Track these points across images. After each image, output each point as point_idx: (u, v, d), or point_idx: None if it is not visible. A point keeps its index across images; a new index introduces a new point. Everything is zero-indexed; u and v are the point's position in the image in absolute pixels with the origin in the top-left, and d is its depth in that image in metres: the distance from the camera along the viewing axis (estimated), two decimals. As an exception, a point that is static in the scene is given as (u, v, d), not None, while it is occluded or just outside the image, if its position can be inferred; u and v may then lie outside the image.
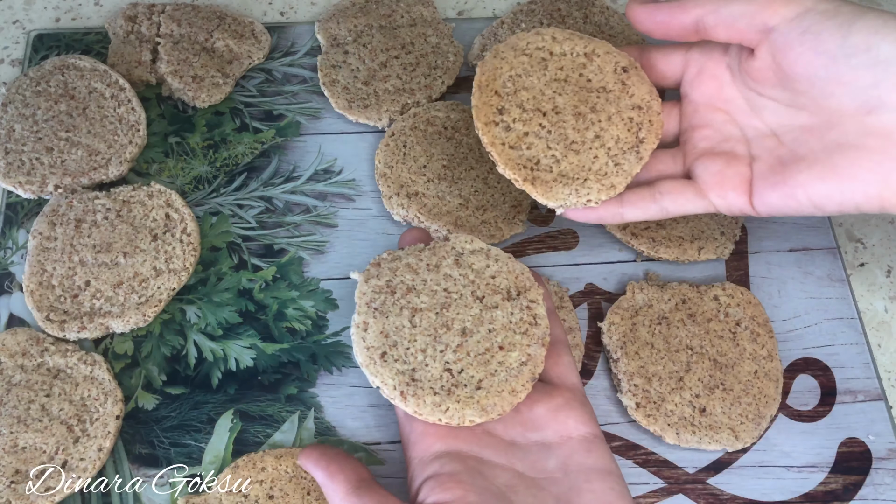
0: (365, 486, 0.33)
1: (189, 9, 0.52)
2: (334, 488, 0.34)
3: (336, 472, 0.34)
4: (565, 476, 0.33)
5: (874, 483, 0.40)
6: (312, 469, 0.35)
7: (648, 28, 0.38)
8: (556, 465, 0.33)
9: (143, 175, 0.47)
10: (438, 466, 0.32)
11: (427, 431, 0.33)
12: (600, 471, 0.33)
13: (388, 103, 0.49)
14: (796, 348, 0.43)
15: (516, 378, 0.33)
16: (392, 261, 0.36)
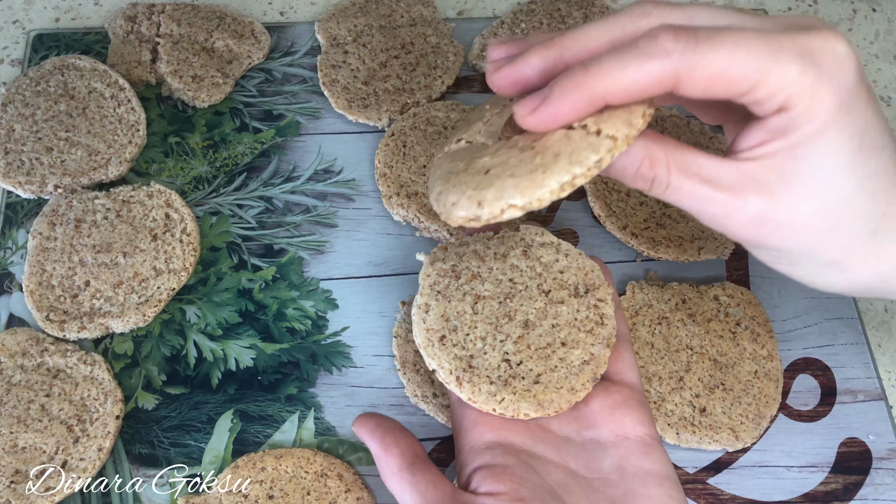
0: (419, 462, 0.32)
1: (189, 9, 0.52)
2: (388, 462, 0.32)
3: (391, 446, 0.32)
4: (620, 478, 0.31)
5: (874, 483, 0.40)
6: (367, 439, 0.33)
7: (511, 92, 0.30)
8: (611, 465, 0.32)
9: (142, 175, 0.47)
10: (490, 457, 0.32)
11: (480, 420, 0.33)
12: (657, 475, 0.31)
13: (388, 103, 0.49)
14: (796, 348, 0.43)
15: (577, 376, 0.33)
16: (459, 246, 0.36)
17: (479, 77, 0.52)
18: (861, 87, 0.27)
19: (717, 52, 0.25)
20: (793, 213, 0.28)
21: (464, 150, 0.31)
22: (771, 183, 0.27)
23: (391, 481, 0.32)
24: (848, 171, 0.27)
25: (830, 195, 0.27)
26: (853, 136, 0.27)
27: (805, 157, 0.27)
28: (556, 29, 0.52)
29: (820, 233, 0.28)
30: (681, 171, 0.28)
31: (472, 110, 0.33)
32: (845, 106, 0.26)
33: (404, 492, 0.31)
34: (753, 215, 0.28)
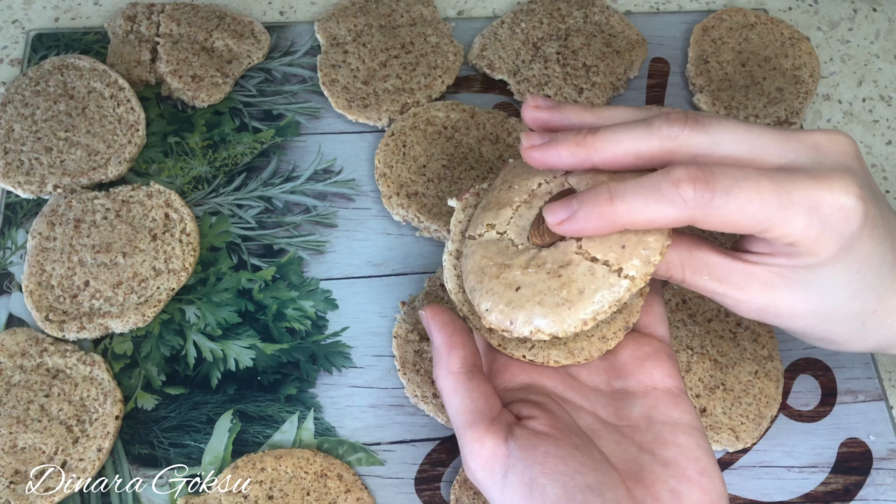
0: (478, 371, 0.32)
1: (188, 8, 0.52)
2: (449, 360, 0.32)
3: (458, 346, 0.32)
4: (649, 426, 0.32)
5: (875, 483, 0.40)
6: (435, 331, 0.33)
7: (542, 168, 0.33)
8: (640, 414, 0.32)
9: (142, 175, 0.47)
10: (525, 394, 0.32)
11: (511, 362, 0.33)
12: (686, 425, 0.32)
13: (388, 103, 0.49)
14: (797, 348, 0.43)
15: (608, 325, 0.33)
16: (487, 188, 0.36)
17: (479, 77, 0.52)
18: (863, 230, 0.29)
19: (730, 205, 0.28)
20: (791, 310, 0.31)
21: (495, 243, 0.32)
22: (774, 286, 0.31)
23: (446, 379, 0.32)
24: (844, 287, 0.30)
25: (826, 302, 0.31)
26: (853, 264, 0.30)
27: (806, 275, 0.30)
28: (556, 28, 0.52)
29: (814, 323, 0.32)
30: (693, 273, 0.32)
31: (500, 185, 0.34)
32: (847, 248, 0.29)
33: (455, 393, 0.31)
34: (757, 308, 0.31)
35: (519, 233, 0.32)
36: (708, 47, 0.52)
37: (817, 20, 0.56)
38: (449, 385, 0.32)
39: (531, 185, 0.33)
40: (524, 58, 0.51)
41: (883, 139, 0.51)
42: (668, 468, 0.30)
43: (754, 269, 0.31)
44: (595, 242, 0.30)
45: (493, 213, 0.33)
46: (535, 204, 0.33)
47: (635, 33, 0.52)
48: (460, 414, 0.31)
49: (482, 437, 0.30)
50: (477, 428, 0.30)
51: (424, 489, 0.39)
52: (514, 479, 0.29)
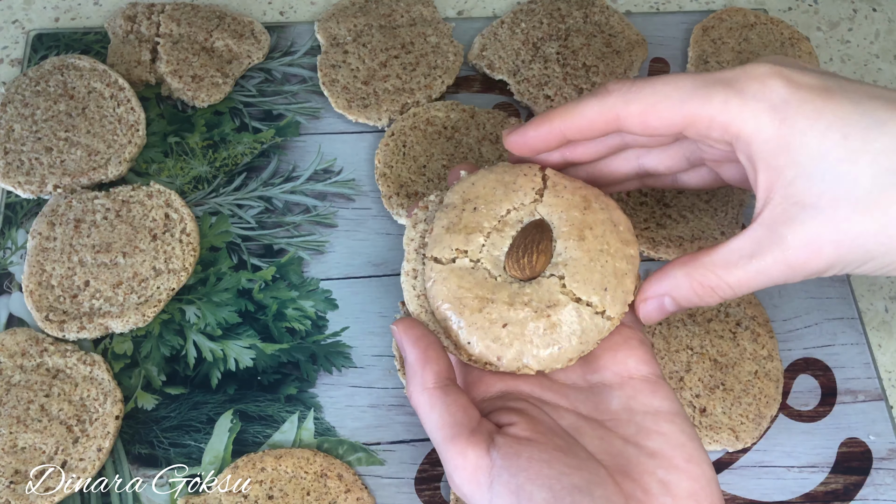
0: (452, 385, 0.32)
1: (188, 8, 0.52)
2: (424, 376, 0.32)
3: (431, 361, 0.32)
4: (630, 417, 0.32)
5: (875, 483, 0.40)
6: (408, 347, 0.32)
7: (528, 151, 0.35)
8: (620, 406, 0.32)
9: (142, 175, 0.47)
10: (502, 402, 0.32)
11: (485, 373, 0.33)
12: (667, 412, 0.32)
13: (388, 103, 0.49)
14: (797, 348, 0.43)
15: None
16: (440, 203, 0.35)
17: (478, 77, 0.52)
18: (801, 92, 0.28)
19: (648, 90, 0.31)
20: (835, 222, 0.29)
21: (470, 272, 0.33)
22: (796, 212, 0.29)
23: (421, 395, 0.31)
24: (850, 164, 0.28)
25: (852, 189, 0.28)
26: (828, 132, 0.28)
27: (796, 171, 0.29)
28: (556, 28, 0.52)
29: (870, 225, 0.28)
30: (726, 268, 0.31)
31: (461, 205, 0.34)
32: (792, 113, 0.28)
33: (433, 409, 0.31)
34: (808, 248, 0.29)
35: (494, 262, 0.33)
36: (708, 47, 0.52)
37: (817, 20, 0.56)
38: (425, 401, 0.31)
39: (500, 210, 0.33)
40: (524, 58, 0.51)
41: (883, 139, 0.51)
42: (655, 458, 0.30)
43: (767, 216, 0.30)
44: (578, 283, 0.32)
45: (461, 237, 0.33)
46: (506, 232, 0.33)
47: (635, 33, 0.52)
48: (440, 429, 0.31)
49: (464, 449, 0.30)
50: (458, 441, 0.30)
51: (424, 489, 0.39)
52: (500, 488, 0.29)
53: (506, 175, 0.34)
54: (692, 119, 0.30)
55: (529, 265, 0.32)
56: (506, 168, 0.35)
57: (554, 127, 0.34)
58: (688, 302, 0.33)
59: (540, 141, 0.34)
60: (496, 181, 0.34)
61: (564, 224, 0.33)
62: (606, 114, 0.32)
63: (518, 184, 0.34)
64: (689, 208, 0.46)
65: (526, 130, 0.35)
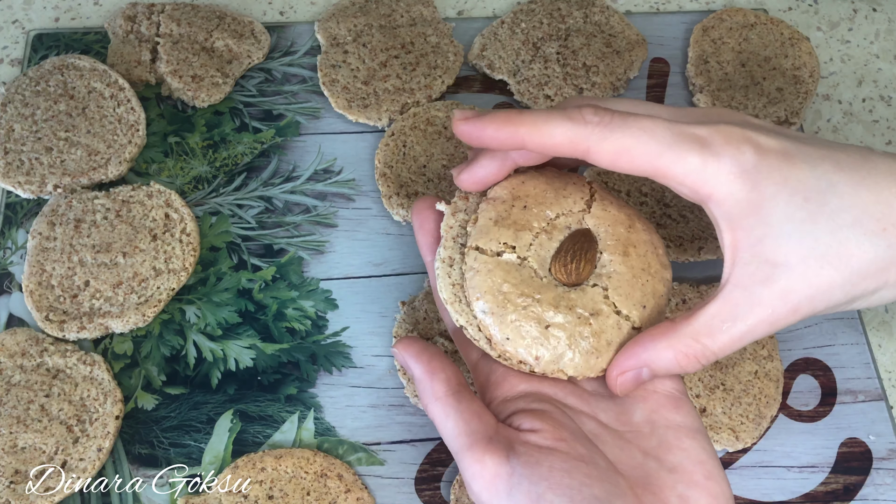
0: (465, 391, 0.32)
1: (188, 8, 0.52)
2: (433, 387, 0.32)
3: (437, 371, 0.32)
4: (652, 431, 0.32)
5: (875, 483, 0.40)
6: (411, 363, 0.33)
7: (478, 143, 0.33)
8: (642, 418, 0.32)
9: (142, 175, 0.47)
10: (525, 403, 0.32)
11: (510, 372, 0.33)
12: (689, 428, 0.32)
13: (388, 103, 0.49)
14: (797, 348, 0.43)
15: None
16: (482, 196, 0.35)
17: (479, 77, 0.52)
18: (768, 158, 0.30)
19: (625, 131, 0.30)
20: (808, 277, 0.30)
21: (517, 268, 0.32)
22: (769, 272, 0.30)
23: (434, 406, 0.31)
24: (812, 223, 0.30)
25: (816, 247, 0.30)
26: (793, 195, 0.30)
27: (765, 232, 0.30)
28: (556, 28, 0.52)
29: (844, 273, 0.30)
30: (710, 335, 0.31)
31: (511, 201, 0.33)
32: (762, 178, 0.30)
33: (448, 418, 0.31)
34: (790, 304, 0.30)
35: (541, 263, 0.32)
36: (708, 47, 0.52)
37: (817, 20, 0.56)
38: (439, 411, 0.31)
39: (549, 213, 0.33)
40: (524, 58, 0.51)
41: (883, 139, 0.51)
42: (675, 473, 0.30)
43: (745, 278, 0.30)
44: (621, 297, 0.32)
45: (509, 232, 0.33)
46: (554, 235, 0.33)
47: (635, 33, 0.52)
48: (456, 438, 0.30)
49: (482, 457, 0.29)
50: (475, 449, 0.30)
51: (424, 489, 0.39)
52: (520, 497, 0.28)
53: (556, 180, 0.34)
54: (665, 172, 0.30)
55: (576, 271, 0.32)
56: (555, 174, 0.35)
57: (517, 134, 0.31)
58: (667, 371, 0.32)
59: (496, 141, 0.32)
60: (546, 184, 0.34)
61: (610, 238, 0.33)
62: (577, 144, 0.31)
63: (568, 191, 0.34)
64: (689, 208, 0.46)
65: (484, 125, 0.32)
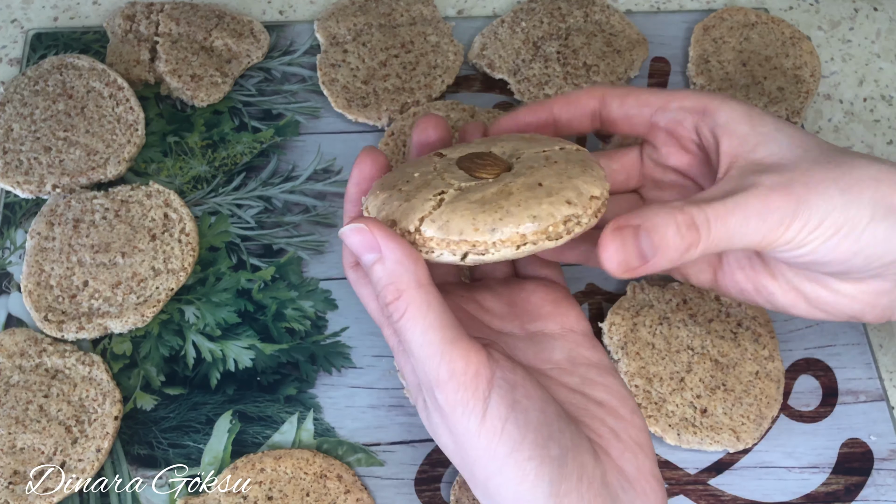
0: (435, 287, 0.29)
1: (188, 7, 0.52)
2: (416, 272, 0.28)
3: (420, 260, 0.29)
4: (573, 368, 0.32)
5: (876, 484, 0.40)
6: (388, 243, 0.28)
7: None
8: (563, 356, 0.32)
9: (141, 175, 0.47)
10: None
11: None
12: (606, 366, 0.32)
13: (388, 102, 0.48)
14: (798, 349, 0.43)
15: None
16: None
17: (478, 76, 0.52)
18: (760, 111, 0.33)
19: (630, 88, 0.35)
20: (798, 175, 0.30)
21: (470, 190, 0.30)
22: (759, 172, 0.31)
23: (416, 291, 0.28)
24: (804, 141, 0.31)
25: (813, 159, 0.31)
26: (776, 119, 0.32)
27: (761, 143, 0.32)
28: (556, 27, 0.52)
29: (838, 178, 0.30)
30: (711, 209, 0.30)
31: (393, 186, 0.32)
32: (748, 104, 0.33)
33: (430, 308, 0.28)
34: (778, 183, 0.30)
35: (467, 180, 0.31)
36: (709, 47, 0.52)
37: (818, 19, 0.56)
38: (421, 299, 0.28)
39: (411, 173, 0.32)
40: (524, 57, 0.51)
41: (884, 139, 0.51)
42: (603, 408, 0.31)
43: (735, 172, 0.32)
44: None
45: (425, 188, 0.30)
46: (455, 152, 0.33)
47: (636, 32, 0.52)
48: (440, 329, 0.28)
49: (468, 353, 0.28)
50: (461, 344, 0.28)
51: (424, 490, 0.39)
52: (497, 399, 0.27)
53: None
54: (670, 99, 0.34)
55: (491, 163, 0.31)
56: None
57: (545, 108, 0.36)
58: (662, 239, 0.29)
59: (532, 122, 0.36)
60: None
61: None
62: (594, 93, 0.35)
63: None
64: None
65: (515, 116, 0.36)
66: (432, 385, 0.28)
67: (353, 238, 0.29)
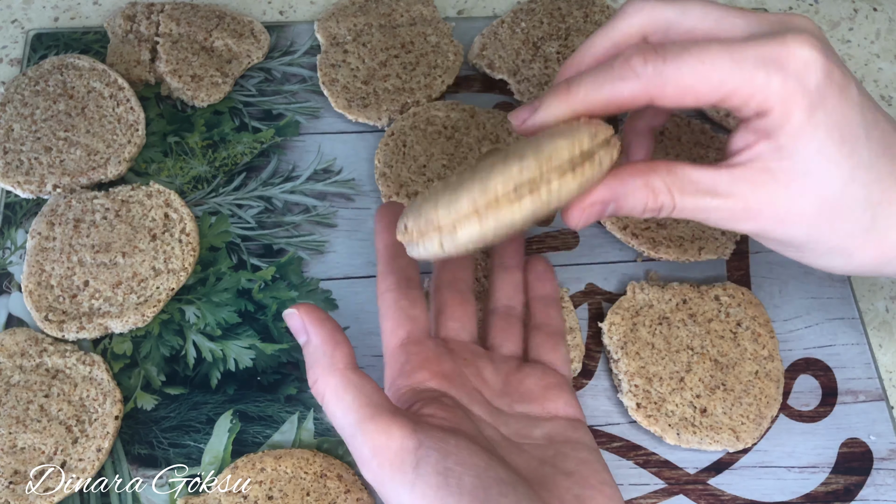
0: (360, 370, 0.31)
1: (188, 8, 0.52)
2: (333, 357, 0.30)
3: (341, 343, 0.30)
4: (550, 444, 0.32)
5: (875, 483, 0.40)
6: (313, 329, 0.30)
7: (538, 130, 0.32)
8: (542, 435, 0.33)
9: (141, 175, 0.47)
10: (432, 396, 0.32)
11: (423, 366, 0.33)
12: (586, 445, 0.33)
13: (388, 103, 0.49)
14: (797, 348, 0.43)
15: None
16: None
17: (478, 77, 0.52)
18: (830, 87, 0.29)
19: (682, 70, 0.28)
20: (790, 207, 0.30)
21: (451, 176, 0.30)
22: (763, 182, 0.30)
23: (333, 377, 0.29)
24: (835, 165, 0.29)
25: (823, 189, 0.30)
26: (832, 131, 0.29)
27: (790, 155, 0.29)
28: (556, 28, 0.52)
29: (819, 223, 0.30)
30: (682, 192, 0.30)
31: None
32: (817, 104, 0.28)
33: (346, 390, 0.29)
34: (753, 213, 0.30)
35: None
36: (708, 47, 0.52)
37: (818, 20, 0.56)
38: (336, 383, 0.29)
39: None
40: (524, 57, 0.51)
41: (883, 139, 0.51)
42: (571, 477, 0.31)
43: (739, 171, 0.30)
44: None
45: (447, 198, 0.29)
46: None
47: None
48: (357, 410, 0.29)
49: (388, 428, 0.28)
50: (380, 420, 0.28)
51: (424, 489, 0.39)
52: (427, 469, 0.28)
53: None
54: (729, 96, 0.29)
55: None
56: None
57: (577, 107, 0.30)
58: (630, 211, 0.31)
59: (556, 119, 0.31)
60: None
61: None
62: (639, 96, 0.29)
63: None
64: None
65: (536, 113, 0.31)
66: (362, 461, 0.29)
67: (289, 322, 0.31)
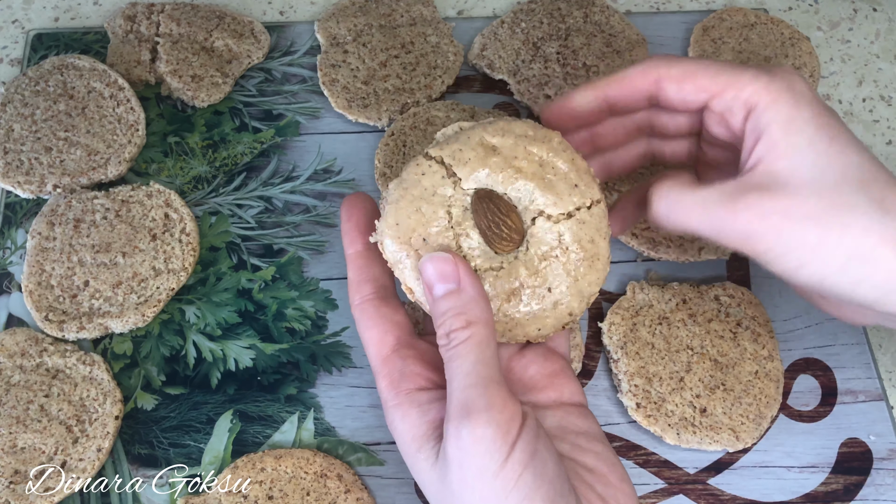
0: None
1: (188, 8, 0.52)
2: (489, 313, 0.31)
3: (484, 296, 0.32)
4: (564, 435, 0.32)
5: (875, 483, 0.40)
6: (470, 280, 0.31)
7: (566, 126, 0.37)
8: (553, 424, 0.33)
9: (142, 175, 0.47)
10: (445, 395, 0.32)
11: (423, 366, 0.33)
12: (598, 436, 0.33)
13: (388, 103, 0.49)
14: (797, 348, 0.43)
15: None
16: None
17: (478, 77, 0.52)
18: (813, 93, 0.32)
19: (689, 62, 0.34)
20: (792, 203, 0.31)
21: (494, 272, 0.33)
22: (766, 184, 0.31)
23: (464, 332, 0.30)
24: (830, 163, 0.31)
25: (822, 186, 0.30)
26: (821, 129, 0.31)
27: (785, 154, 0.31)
28: (556, 28, 0.52)
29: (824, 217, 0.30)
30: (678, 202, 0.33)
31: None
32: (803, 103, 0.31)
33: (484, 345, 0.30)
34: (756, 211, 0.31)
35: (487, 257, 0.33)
36: (708, 47, 0.52)
37: (817, 20, 0.56)
38: (486, 335, 0.30)
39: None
40: (524, 57, 0.51)
41: (883, 139, 0.51)
42: (593, 474, 0.31)
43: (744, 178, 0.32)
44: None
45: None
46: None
47: (635, 33, 0.52)
48: (492, 367, 0.29)
49: (507, 397, 0.29)
50: (504, 388, 0.29)
51: (424, 489, 0.39)
52: (522, 446, 0.28)
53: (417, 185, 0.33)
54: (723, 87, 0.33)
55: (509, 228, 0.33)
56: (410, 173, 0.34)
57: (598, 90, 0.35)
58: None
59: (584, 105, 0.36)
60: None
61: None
62: (649, 75, 0.34)
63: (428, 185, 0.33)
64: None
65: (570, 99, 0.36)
66: (469, 412, 0.28)
67: (437, 265, 0.31)
